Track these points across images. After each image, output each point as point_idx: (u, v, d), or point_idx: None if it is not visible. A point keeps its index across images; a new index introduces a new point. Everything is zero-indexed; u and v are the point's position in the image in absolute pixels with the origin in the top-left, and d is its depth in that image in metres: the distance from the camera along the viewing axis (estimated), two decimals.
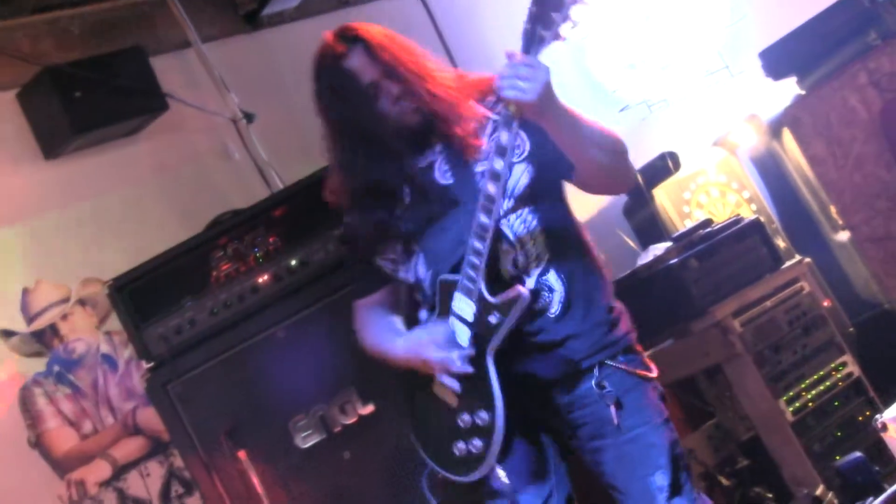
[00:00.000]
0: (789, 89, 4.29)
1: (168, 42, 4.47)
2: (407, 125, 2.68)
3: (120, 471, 4.05)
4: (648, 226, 5.06)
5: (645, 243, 4.80)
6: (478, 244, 2.55)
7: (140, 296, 3.55)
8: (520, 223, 2.66)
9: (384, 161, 2.68)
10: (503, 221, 2.64)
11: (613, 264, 4.81)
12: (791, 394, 4.06)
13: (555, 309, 2.65)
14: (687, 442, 4.18)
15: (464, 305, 2.60)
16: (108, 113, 4.07)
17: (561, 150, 2.58)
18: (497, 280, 2.61)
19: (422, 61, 2.71)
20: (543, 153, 2.65)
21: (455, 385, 2.63)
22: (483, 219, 2.54)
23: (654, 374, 2.73)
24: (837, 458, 3.94)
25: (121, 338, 4.12)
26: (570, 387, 2.67)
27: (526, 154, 2.66)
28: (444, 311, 2.66)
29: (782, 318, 4.18)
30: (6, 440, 3.89)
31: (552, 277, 2.66)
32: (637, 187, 5.10)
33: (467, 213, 2.60)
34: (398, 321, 2.86)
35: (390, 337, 2.80)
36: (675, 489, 2.64)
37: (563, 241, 2.71)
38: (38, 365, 4.02)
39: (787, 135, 4.77)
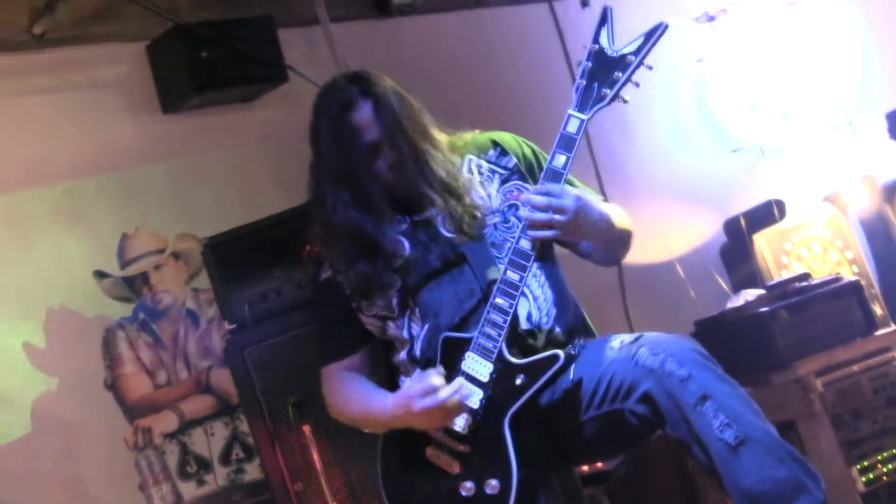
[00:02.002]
0: None
1: (297, 16, 4.52)
2: (399, 192, 2.59)
3: (186, 425, 4.11)
4: (744, 270, 4.99)
5: (737, 287, 4.73)
6: (502, 301, 2.46)
7: (232, 258, 3.59)
8: (531, 278, 2.56)
9: (377, 215, 2.58)
10: None
11: (702, 303, 4.78)
12: (865, 463, 3.97)
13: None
14: None
15: (477, 366, 2.47)
16: (230, 76, 4.14)
17: None
18: (511, 335, 2.49)
19: (424, 128, 2.60)
20: None
21: (463, 424, 2.47)
22: (512, 275, 2.47)
23: None
24: None
25: (206, 296, 4.18)
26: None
27: None
28: (449, 371, 2.50)
29: (867, 385, 4.09)
30: (85, 377, 3.98)
31: (559, 333, 2.59)
32: (738, 230, 5.03)
33: (474, 269, 2.55)
34: (376, 386, 2.65)
35: (379, 396, 2.59)
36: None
37: (565, 297, 2.65)
38: (125, 310, 4.11)
39: None
